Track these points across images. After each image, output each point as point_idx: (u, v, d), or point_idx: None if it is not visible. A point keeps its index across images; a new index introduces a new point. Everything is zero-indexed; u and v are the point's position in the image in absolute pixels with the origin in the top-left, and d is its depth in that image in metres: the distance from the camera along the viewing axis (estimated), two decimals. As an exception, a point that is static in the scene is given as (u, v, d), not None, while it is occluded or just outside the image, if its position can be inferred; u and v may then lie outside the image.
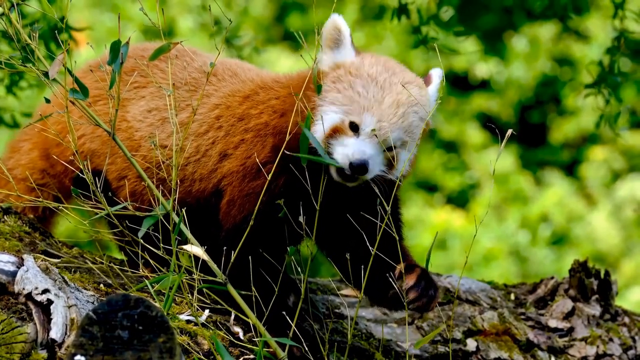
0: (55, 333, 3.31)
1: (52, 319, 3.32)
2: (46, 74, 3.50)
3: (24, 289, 3.38)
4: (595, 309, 4.58)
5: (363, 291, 3.68)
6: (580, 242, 11.06)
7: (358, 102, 3.66)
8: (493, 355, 4.30)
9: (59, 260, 3.90)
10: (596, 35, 11.28)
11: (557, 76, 11.89)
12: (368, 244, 3.63)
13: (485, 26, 9.70)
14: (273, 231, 3.74)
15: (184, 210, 3.56)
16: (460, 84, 11.71)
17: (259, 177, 3.78)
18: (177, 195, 3.70)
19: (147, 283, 3.54)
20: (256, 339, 3.69)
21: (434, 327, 4.32)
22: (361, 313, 4.29)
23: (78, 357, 2.94)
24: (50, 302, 3.34)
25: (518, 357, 4.32)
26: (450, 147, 11.76)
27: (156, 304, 3.38)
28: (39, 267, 3.46)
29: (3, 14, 3.58)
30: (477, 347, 4.30)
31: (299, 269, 3.70)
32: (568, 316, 4.53)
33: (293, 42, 11.81)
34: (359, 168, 3.61)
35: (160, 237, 3.54)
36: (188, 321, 3.69)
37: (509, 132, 3.53)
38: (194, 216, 3.75)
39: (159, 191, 3.64)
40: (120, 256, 4.21)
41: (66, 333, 3.32)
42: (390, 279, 3.68)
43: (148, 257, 3.70)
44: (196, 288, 3.63)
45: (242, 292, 3.63)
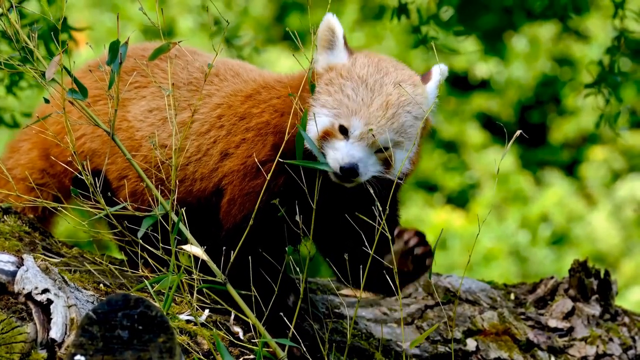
0: (55, 333, 3.31)
1: (52, 319, 3.32)
2: (44, 75, 3.50)
3: (24, 289, 3.38)
4: (595, 309, 4.58)
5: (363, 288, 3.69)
6: (580, 242, 11.06)
7: (347, 106, 3.67)
8: (493, 355, 4.30)
9: (59, 260, 3.90)
10: (596, 35, 11.28)
11: (557, 76, 11.89)
12: (367, 244, 3.63)
13: (485, 26, 9.70)
14: (273, 230, 3.75)
15: (184, 209, 3.56)
16: (460, 84, 11.71)
17: (259, 176, 3.78)
18: (178, 194, 3.71)
19: (147, 283, 3.54)
20: (256, 340, 3.69)
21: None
22: (361, 313, 4.28)
23: (78, 357, 2.93)
24: (50, 302, 3.34)
25: (518, 357, 4.32)
26: (450, 147, 11.76)
27: (156, 304, 3.38)
28: (39, 267, 3.46)
29: (2, 15, 3.58)
30: (477, 347, 4.30)
31: (298, 269, 3.70)
32: (568, 316, 4.53)
33: (293, 42, 11.80)
34: (349, 172, 3.63)
35: (159, 237, 3.54)
36: (188, 321, 3.69)
37: (518, 133, 3.54)
38: (195, 216, 3.75)
39: (160, 191, 3.64)
40: (120, 256, 4.21)
41: (66, 333, 3.32)
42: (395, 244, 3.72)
43: (148, 257, 3.70)
44: (196, 288, 3.63)
45: (242, 292, 3.63)
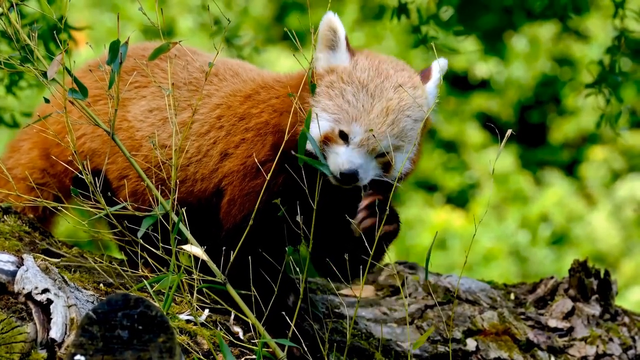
0: (55, 333, 3.31)
1: (52, 319, 3.32)
2: (45, 74, 3.50)
3: (24, 289, 3.38)
4: (595, 309, 4.58)
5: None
6: (580, 242, 11.06)
7: (347, 112, 3.67)
8: (493, 355, 4.30)
9: (59, 259, 3.90)
10: (596, 35, 11.28)
11: (557, 76, 11.89)
12: (367, 244, 3.64)
13: (485, 26, 9.70)
14: (273, 230, 3.74)
15: (185, 210, 3.56)
16: (460, 84, 11.71)
17: (259, 176, 3.78)
18: (179, 195, 3.71)
19: (147, 283, 3.54)
20: (256, 340, 3.68)
21: (434, 327, 4.31)
22: (361, 313, 4.28)
23: (78, 357, 2.93)
24: (50, 302, 3.34)
25: (518, 357, 4.32)
26: (450, 147, 11.76)
27: (156, 304, 3.38)
28: (39, 267, 3.46)
29: (2, 14, 3.58)
30: (477, 347, 4.30)
31: (299, 269, 3.70)
32: (568, 316, 4.53)
33: (293, 42, 11.81)
34: (349, 177, 3.64)
35: (159, 237, 3.54)
36: (188, 321, 3.69)
37: (509, 132, 3.53)
38: (196, 216, 3.75)
39: (160, 191, 3.64)
40: (120, 256, 4.21)
41: (66, 333, 3.32)
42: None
43: (147, 257, 3.70)
44: (196, 288, 3.63)
45: (242, 292, 3.63)
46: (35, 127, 4.13)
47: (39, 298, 3.35)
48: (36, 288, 3.37)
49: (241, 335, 3.76)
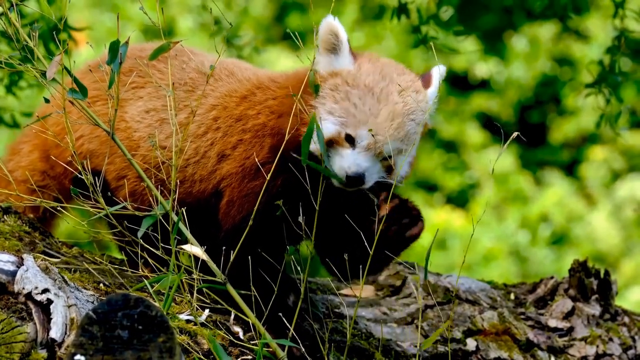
0: (55, 333, 3.31)
1: (52, 319, 3.32)
2: (44, 74, 3.50)
3: (24, 289, 3.37)
4: (595, 309, 4.58)
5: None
6: (580, 242, 11.06)
7: (354, 115, 3.68)
8: (493, 355, 4.30)
9: (59, 259, 3.90)
10: (596, 35, 11.28)
11: (557, 76, 11.89)
12: (366, 244, 3.64)
13: (485, 26, 9.71)
14: (272, 231, 3.75)
15: (184, 210, 3.56)
16: (460, 84, 11.71)
17: (258, 178, 3.78)
18: (178, 195, 3.70)
19: (147, 283, 3.54)
20: (256, 340, 3.68)
21: (434, 327, 4.32)
22: (361, 313, 4.28)
23: (78, 357, 2.93)
24: (50, 302, 3.34)
25: (518, 357, 4.32)
26: (450, 147, 11.76)
27: (156, 304, 3.38)
28: (39, 267, 3.46)
29: (2, 14, 3.58)
30: (477, 347, 4.30)
31: (299, 269, 3.70)
32: (568, 316, 4.53)
33: (293, 42, 11.80)
34: (356, 180, 3.65)
35: (159, 237, 3.54)
36: (188, 321, 3.69)
37: (514, 135, 3.55)
38: (194, 216, 3.75)
39: (159, 192, 3.64)
40: (120, 256, 4.21)
41: (66, 333, 3.32)
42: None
43: (147, 257, 3.70)
44: (196, 288, 3.63)
45: (242, 292, 3.63)
46: (34, 128, 4.13)
47: (39, 298, 3.35)
48: (36, 288, 3.37)
49: (241, 335, 3.76)
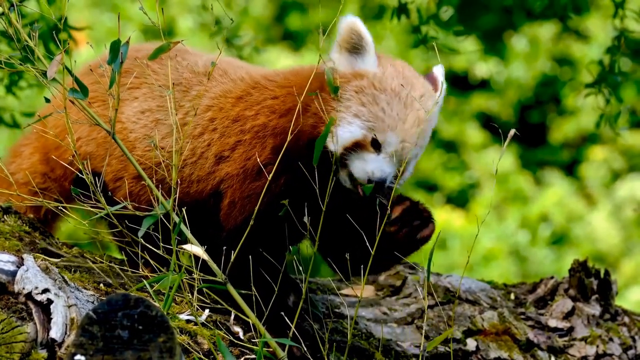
0: (55, 333, 3.31)
1: (52, 319, 3.32)
2: (45, 74, 3.50)
3: (24, 289, 3.37)
4: (595, 309, 4.58)
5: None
6: (580, 242, 11.06)
7: (383, 120, 3.65)
8: (493, 355, 4.30)
9: (59, 259, 3.90)
10: (596, 35, 11.28)
11: (557, 76, 11.89)
12: (368, 245, 3.64)
13: (485, 26, 9.71)
14: (274, 231, 3.74)
15: (184, 210, 3.56)
16: (460, 84, 11.71)
17: (260, 179, 3.78)
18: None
19: (147, 283, 3.54)
20: (256, 340, 3.69)
21: (434, 327, 4.32)
22: (361, 313, 4.28)
23: (78, 357, 2.93)
24: (50, 302, 3.34)
25: (518, 357, 4.32)
26: (450, 147, 11.77)
27: (156, 304, 3.38)
28: (39, 267, 3.46)
29: (3, 14, 3.58)
30: (477, 347, 4.30)
31: (300, 269, 3.70)
32: (568, 316, 4.53)
33: (293, 42, 11.82)
34: (378, 185, 3.64)
35: (160, 237, 3.54)
36: (188, 321, 3.69)
37: (512, 132, 3.54)
38: (193, 216, 3.75)
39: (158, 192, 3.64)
40: (120, 256, 4.21)
41: (66, 333, 3.32)
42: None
43: (148, 257, 3.70)
44: (196, 288, 3.63)
45: (242, 292, 3.63)
46: (35, 128, 4.13)
47: (39, 298, 3.35)
48: (36, 288, 3.37)
49: (241, 335, 3.76)
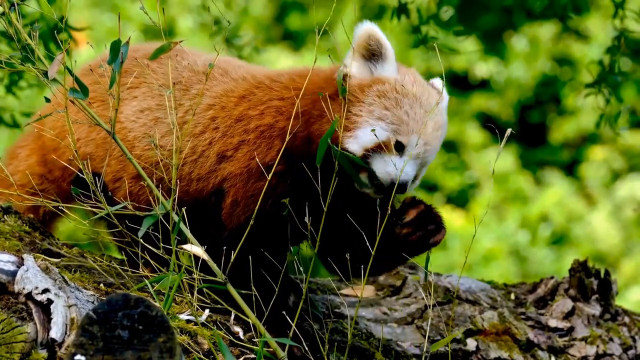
0: (55, 333, 3.31)
1: (52, 319, 3.32)
2: (46, 74, 3.50)
3: (24, 289, 3.38)
4: (595, 309, 4.58)
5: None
6: (580, 242, 11.06)
7: (407, 123, 3.73)
8: (493, 355, 4.30)
9: (59, 259, 3.90)
10: (596, 35, 11.28)
11: (557, 76, 11.89)
12: (368, 244, 3.65)
13: (485, 26, 9.70)
14: (276, 231, 3.74)
15: (184, 209, 3.56)
16: (460, 84, 11.71)
17: (264, 178, 3.78)
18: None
19: (147, 283, 3.54)
20: (256, 339, 3.69)
21: (434, 327, 4.32)
22: (361, 313, 4.28)
23: (78, 357, 2.93)
24: (50, 302, 3.34)
25: (518, 357, 4.32)
26: (450, 147, 11.76)
27: (156, 304, 3.38)
28: (39, 267, 3.46)
29: (3, 14, 3.58)
30: (477, 347, 4.30)
31: (301, 269, 3.70)
32: (568, 316, 4.53)
33: (293, 42, 11.82)
34: (400, 187, 3.71)
35: (160, 237, 3.54)
36: (188, 321, 3.69)
37: (508, 132, 3.57)
38: (192, 216, 3.75)
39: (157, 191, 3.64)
40: (120, 256, 4.21)
41: (66, 333, 3.32)
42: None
43: (148, 257, 3.70)
44: (196, 288, 3.63)
45: (242, 292, 3.63)
46: (34, 127, 4.13)
47: (39, 298, 3.35)
48: (36, 288, 3.37)
49: (241, 335, 3.76)
